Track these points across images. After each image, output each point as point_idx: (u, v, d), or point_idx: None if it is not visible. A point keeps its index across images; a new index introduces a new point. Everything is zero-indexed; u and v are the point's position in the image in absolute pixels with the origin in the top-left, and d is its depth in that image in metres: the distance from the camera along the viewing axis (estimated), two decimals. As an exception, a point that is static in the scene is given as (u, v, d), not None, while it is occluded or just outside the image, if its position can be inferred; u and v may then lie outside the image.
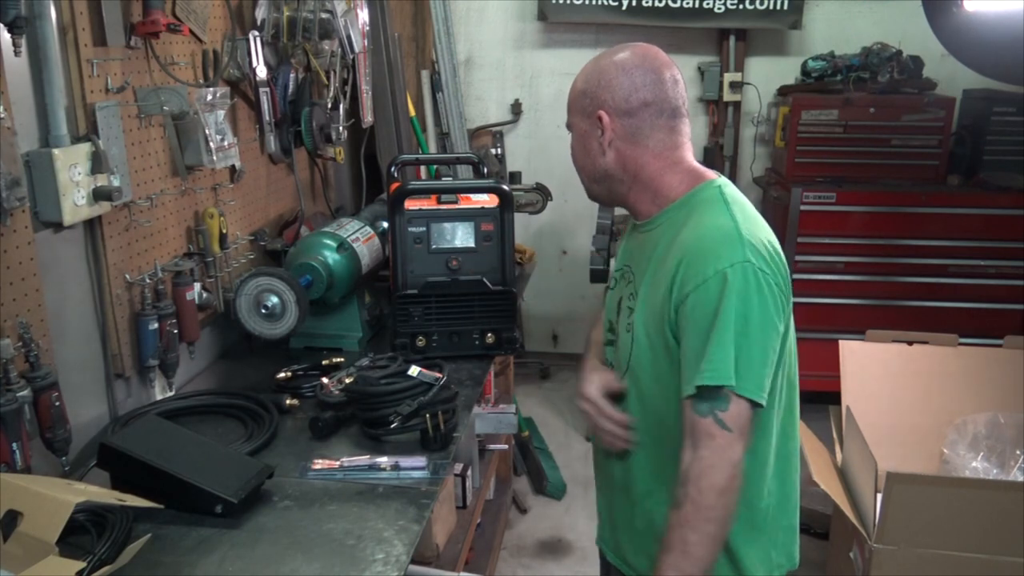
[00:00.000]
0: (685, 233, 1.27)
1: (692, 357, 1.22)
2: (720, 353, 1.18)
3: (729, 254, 1.21)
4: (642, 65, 1.31)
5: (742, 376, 1.18)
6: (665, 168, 1.33)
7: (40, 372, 1.47)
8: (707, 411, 1.20)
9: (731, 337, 1.18)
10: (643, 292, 1.33)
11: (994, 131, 3.62)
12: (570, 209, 3.78)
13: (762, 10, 3.84)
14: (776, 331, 1.23)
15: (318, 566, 1.28)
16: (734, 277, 1.19)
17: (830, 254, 3.61)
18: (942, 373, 2.57)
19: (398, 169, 2.24)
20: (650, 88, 1.30)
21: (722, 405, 1.19)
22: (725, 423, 1.19)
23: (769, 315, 1.22)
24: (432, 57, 3.90)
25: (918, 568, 2.05)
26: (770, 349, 1.23)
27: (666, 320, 1.26)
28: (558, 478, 3.36)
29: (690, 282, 1.22)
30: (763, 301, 1.21)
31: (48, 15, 1.51)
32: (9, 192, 1.40)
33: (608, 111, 1.31)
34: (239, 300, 1.97)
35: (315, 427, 1.71)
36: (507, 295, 2.07)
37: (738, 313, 1.19)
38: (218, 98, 1.99)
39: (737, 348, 1.18)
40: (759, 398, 1.20)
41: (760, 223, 1.30)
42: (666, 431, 1.32)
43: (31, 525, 1.18)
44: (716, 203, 1.29)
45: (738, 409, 1.19)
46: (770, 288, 1.22)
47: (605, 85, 1.31)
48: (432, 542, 2.18)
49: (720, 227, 1.25)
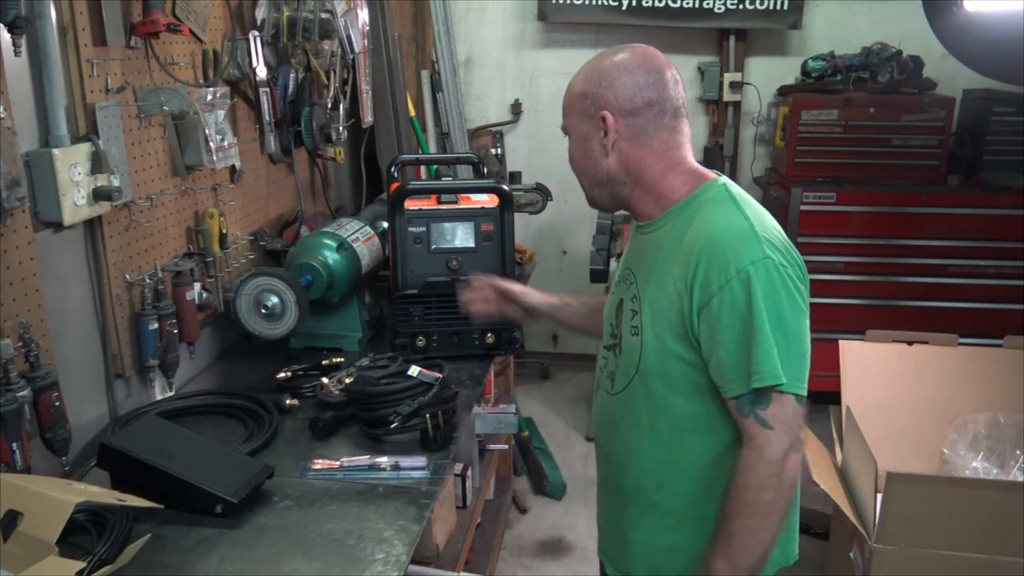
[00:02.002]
0: (695, 233, 1.27)
1: (732, 360, 1.22)
2: (765, 354, 1.19)
3: (749, 252, 1.21)
4: (643, 65, 1.30)
5: (786, 372, 1.20)
6: (668, 169, 1.33)
7: (40, 372, 1.47)
8: (748, 411, 1.22)
9: (769, 335, 1.19)
10: (648, 294, 1.32)
11: (994, 131, 3.62)
12: (570, 209, 3.77)
13: (762, 10, 3.84)
14: (806, 321, 1.25)
15: (318, 566, 1.28)
16: (757, 275, 1.20)
17: (830, 254, 3.60)
18: (942, 373, 2.57)
19: (398, 169, 2.24)
20: (653, 88, 1.29)
21: (762, 404, 1.21)
22: (766, 421, 1.21)
23: (798, 306, 1.24)
24: (432, 57, 3.90)
25: (918, 568, 2.05)
26: (805, 339, 1.25)
27: (683, 325, 1.26)
28: (558, 478, 3.36)
29: (713, 283, 1.22)
30: (790, 294, 1.22)
31: (48, 15, 1.51)
32: (9, 192, 1.40)
33: (612, 111, 1.29)
34: (239, 300, 1.97)
35: (315, 427, 1.71)
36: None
37: (770, 311, 1.20)
38: (218, 98, 1.99)
39: (777, 345, 1.19)
40: (802, 390, 1.22)
41: (769, 218, 1.31)
42: (674, 436, 1.32)
43: (31, 525, 1.18)
44: (724, 202, 1.29)
45: (781, 405, 1.21)
46: (792, 281, 1.23)
47: (607, 86, 1.30)
48: (432, 542, 2.18)
49: (734, 226, 1.25)
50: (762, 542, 1.24)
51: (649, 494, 1.37)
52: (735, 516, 1.24)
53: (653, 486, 1.36)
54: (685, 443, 1.32)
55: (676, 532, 1.36)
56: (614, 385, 1.41)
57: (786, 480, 1.22)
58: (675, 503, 1.35)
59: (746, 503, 1.23)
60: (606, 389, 1.44)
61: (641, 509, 1.39)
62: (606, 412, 1.44)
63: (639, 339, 1.32)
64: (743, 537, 1.24)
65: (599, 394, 1.48)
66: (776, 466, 1.21)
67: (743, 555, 1.24)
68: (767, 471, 1.21)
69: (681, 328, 1.26)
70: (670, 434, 1.33)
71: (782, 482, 1.22)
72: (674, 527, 1.36)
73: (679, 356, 1.28)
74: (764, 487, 1.22)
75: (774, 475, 1.21)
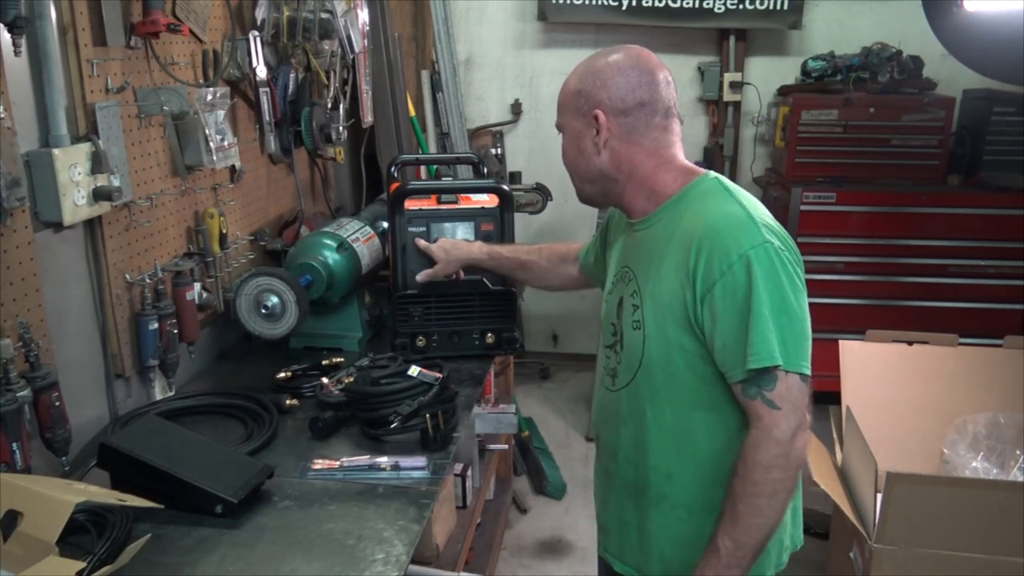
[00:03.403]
0: (691, 224, 1.29)
1: (733, 343, 1.24)
2: (762, 335, 1.21)
3: (748, 238, 1.24)
4: (636, 66, 1.34)
5: (789, 352, 1.22)
6: (659, 166, 1.36)
7: (40, 372, 1.47)
8: (755, 393, 1.23)
9: (769, 316, 1.21)
10: (648, 288, 1.34)
11: (994, 131, 3.62)
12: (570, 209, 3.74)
13: (762, 10, 3.84)
14: (806, 301, 1.27)
15: (318, 566, 1.28)
16: (758, 259, 1.22)
17: (830, 254, 3.61)
18: (942, 373, 2.57)
19: (398, 169, 2.23)
20: (645, 88, 1.33)
21: (768, 385, 1.22)
22: (773, 402, 1.22)
23: (798, 287, 1.26)
24: (432, 57, 3.90)
25: (918, 568, 2.05)
26: (807, 319, 1.26)
27: (685, 314, 1.28)
28: (558, 478, 3.36)
29: (715, 271, 1.24)
30: (790, 276, 1.25)
31: (48, 15, 1.51)
32: (9, 192, 1.40)
33: (605, 110, 1.34)
34: (239, 300, 1.97)
35: (315, 427, 1.71)
36: (507, 295, 2.07)
37: (770, 293, 1.22)
38: (218, 98, 1.99)
39: (779, 326, 1.21)
40: (805, 369, 1.24)
41: (762, 206, 1.34)
42: (681, 426, 1.33)
43: (31, 525, 1.18)
44: (718, 193, 1.32)
45: (786, 385, 1.22)
46: (791, 264, 1.26)
47: (601, 85, 1.34)
48: (432, 542, 2.18)
49: (731, 214, 1.28)
50: (768, 521, 1.25)
51: (659, 487, 1.38)
52: (743, 495, 1.25)
53: (662, 478, 1.37)
54: (691, 433, 1.33)
55: (687, 523, 1.36)
56: (616, 382, 1.42)
57: (794, 459, 1.24)
58: (685, 494, 1.36)
59: (755, 482, 1.23)
60: (607, 386, 1.46)
61: (652, 502, 1.39)
62: (609, 409, 1.45)
63: (641, 333, 1.34)
64: (750, 516, 1.24)
65: (600, 392, 1.50)
66: (785, 445, 1.22)
67: (749, 534, 1.25)
68: (776, 450, 1.22)
69: (684, 318, 1.28)
70: (676, 425, 1.34)
71: (790, 461, 1.23)
72: (684, 518, 1.36)
73: (682, 346, 1.30)
74: (773, 466, 1.23)
75: (783, 454, 1.23)
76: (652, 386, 1.35)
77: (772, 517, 1.25)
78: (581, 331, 4.45)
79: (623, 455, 1.43)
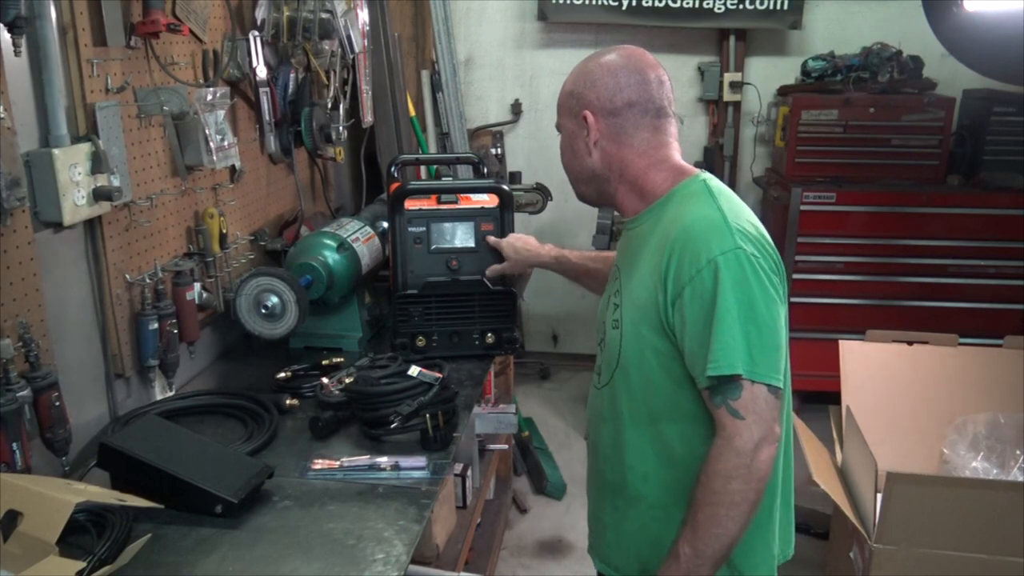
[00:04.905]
0: (668, 226, 1.29)
1: (698, 349, 1.22)
2: (725, 342, 1.19)
3: (719, 243, 1.22)
4: (627, 66, 1.34)
5: (756, 361, 1.19)
6: (650, 166, 1.36)
7: (40, 372, 1.47)
8: (720, 402, 1.21)
9: (737, 324, 1.19)
10: (628, 288, 1.35)
11: (994, 131, 3.61)
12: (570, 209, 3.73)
13: (762, 10, 3.84)
14: (780, 312, 1.25)
15: (318, 566, 1.28)
16: (727, 264, 1.20)
17: (830, 254, 3.60)
18: (942, 373, 2.57)
19: (398, 169, 2.24)
20: (634, 88, 1.33)
21: (733, 394, 1.20)
22: (737, 411, 1.20)
23: (771, 297, 1.23)
24: (432, 57, 3.90)
25: (918, 568, 2.05)
26: (779, 330, 1.24)
27: (658, 316, 1.27)
28: (558, 478, 3.36)
29: (684, 275, 1.23)
30: (761, 284, 1.22)
31: (48, 15, 1.51)
32: (9, 192, 1.40)
33: (593, 111, 1.34)
34: (239, 300, 1.97)
35: (315, 427, 1.71)
36: (507, 295, 2.07)
37: (738, 300, 1.20)
38: (218, 98, 1.99)
39: (745, 334, 1.19)
40: (775, 380, 1.21)
41: (746, 211, 1.32)
42: (656, 428, 1.33)
43: (31, 525, 1.18)
44: (701, 195, 1.31)
45: (751, 395, 1.20)
46: (765, 272, 1.23)
47: (590, 86, 1.35)
48: (432, 542, 2.18)
49: (706, 217, 1.26)
50: (727, 531, 1.23)
51: (636, 486, 1.37)
52: (703, 504, 1.23)
53: (639, 478, 1.37)
54: (667, 434, 1.33)
55: (664, 524, 1.35)
56: (600, 379, 1.43)
57: (756, 471, 1.21)
58: (663, 494, 1.35)
59: (714, 491, 1.22)
60: (594, 384, 1.46)
61: (629, 502, 1.39)
62: (595, 406, 1.46)
63: (619, 332, 1.34)
64: (709, 525, 1.23)
65: (590, 390, 1.50)
66: (746, 456, 1.20)
67: (707, 543, 1.23)
68: (736, 460, 1.20)
69: (657, 320, 1.28)
70: (652, 426, 1.33)
71: (751, 473, 1.21)
72: (661, 519, 1.36)
73: (656, 348, 1.29)
74: (732, 476, 1.21)
75: (743, 465, 1.20)
76: (628, 386, 1.34)
77: (731, 528, 1.23)
78: (581, 331, 4.45)
79: (603, 454, 1.43)
